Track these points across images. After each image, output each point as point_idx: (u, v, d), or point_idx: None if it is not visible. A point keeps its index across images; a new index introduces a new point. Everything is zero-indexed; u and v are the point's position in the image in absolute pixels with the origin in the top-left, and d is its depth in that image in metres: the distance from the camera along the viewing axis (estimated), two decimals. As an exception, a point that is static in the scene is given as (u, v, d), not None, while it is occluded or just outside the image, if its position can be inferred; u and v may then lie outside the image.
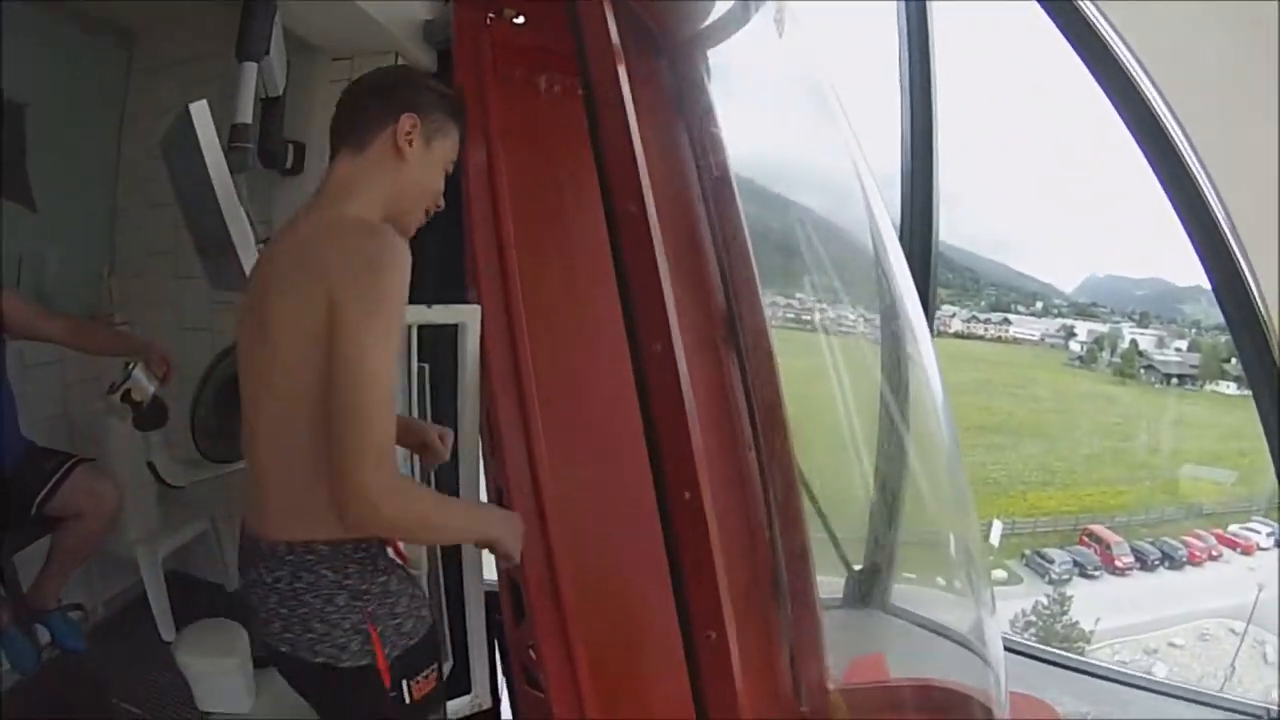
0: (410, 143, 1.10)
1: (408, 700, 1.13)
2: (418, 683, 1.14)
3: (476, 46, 1.58)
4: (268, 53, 1.70)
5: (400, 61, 2.00)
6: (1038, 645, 2.92)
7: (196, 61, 2.51)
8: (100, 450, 2.10)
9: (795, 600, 1.84)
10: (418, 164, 1.12)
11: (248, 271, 1.48)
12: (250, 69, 1.63)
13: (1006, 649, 2.74)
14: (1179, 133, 1.87)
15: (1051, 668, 2.71)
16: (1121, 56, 1.92)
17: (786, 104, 2.05)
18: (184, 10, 2.48)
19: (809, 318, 1.96)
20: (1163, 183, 1.92)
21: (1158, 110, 1.89)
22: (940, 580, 2.07)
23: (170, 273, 2.48)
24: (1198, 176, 1.86)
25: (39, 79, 2.37)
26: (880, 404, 1.90)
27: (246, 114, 1.60)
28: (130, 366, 1.78)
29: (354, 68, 2.04)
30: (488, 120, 1.53)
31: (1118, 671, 2.69)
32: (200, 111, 1.42)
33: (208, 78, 2.44)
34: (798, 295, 2.00)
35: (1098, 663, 2.77)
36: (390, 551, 1.17)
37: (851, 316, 1.98)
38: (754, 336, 1.85)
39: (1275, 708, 2.46)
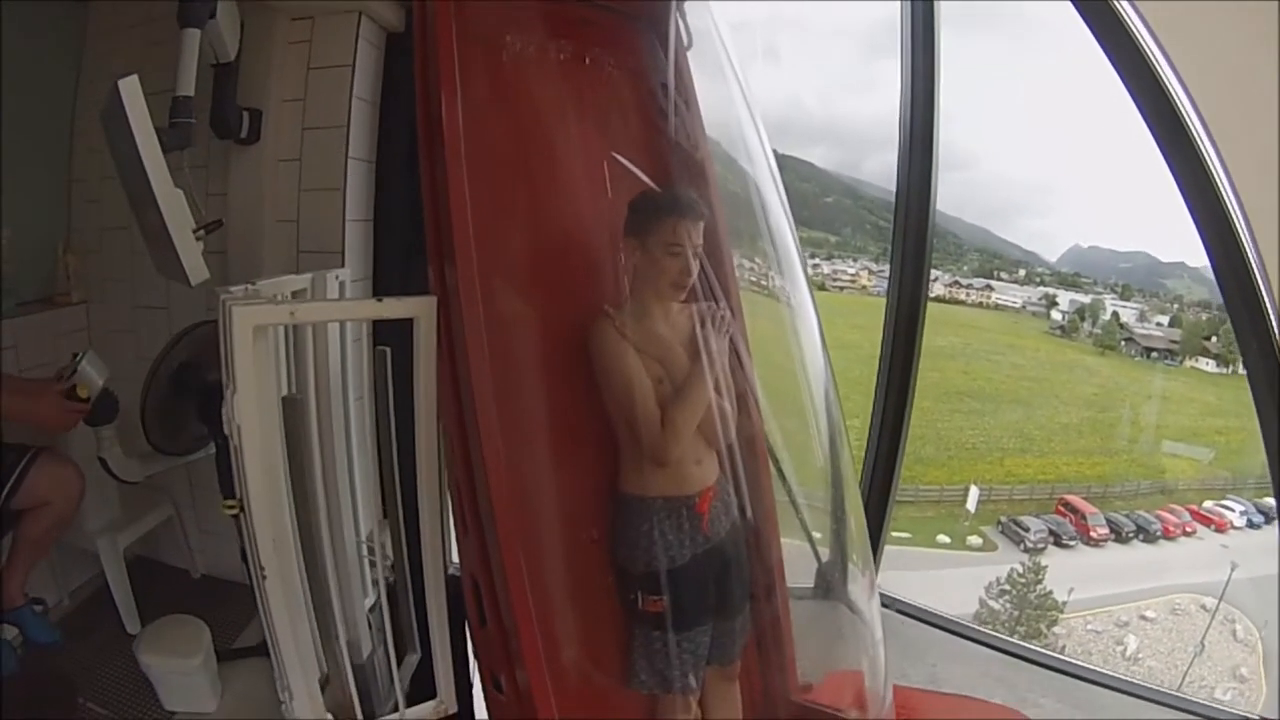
0: None
1: None
2: None
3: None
4: (213, 16, 1.57)
5: (364, 20, 1.86)
6: (1022, 644, 2.85)
7: (152, 23, 2.34)
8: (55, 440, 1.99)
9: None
10: None
11: (184, 260, 1.38)
12: (193, 36, 1.52)
13: (989, 646, 2.73)
14: (1190, 109, 1.82)
15: (1034, 667, 2.68)
16: (1133, 29, 1.84)
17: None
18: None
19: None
20: (1167, 157, 1.87)
21: (1168, 85, 1.83)
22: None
23: (127, 249, 2.34)
24: (1206, 153, 1.81)
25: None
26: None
27: (188, 86, 1.49)
28: (77, 358, 1.67)
29: (314, 29, 1.90)
30: (459, 82, 1.39)
31: (1103, 674, 2.65)
32: (130, 87, 1.29)
33: (165, 39, 2.29)
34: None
35: (1080, 664, 2.73)
36: None
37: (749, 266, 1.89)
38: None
39: (1258, 717, 2.45)
